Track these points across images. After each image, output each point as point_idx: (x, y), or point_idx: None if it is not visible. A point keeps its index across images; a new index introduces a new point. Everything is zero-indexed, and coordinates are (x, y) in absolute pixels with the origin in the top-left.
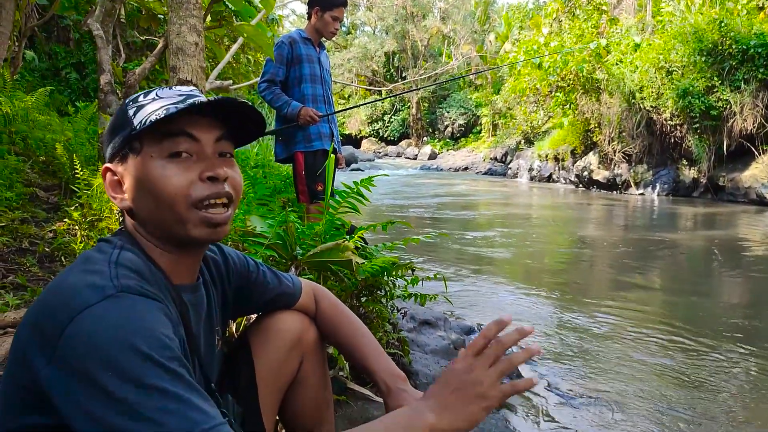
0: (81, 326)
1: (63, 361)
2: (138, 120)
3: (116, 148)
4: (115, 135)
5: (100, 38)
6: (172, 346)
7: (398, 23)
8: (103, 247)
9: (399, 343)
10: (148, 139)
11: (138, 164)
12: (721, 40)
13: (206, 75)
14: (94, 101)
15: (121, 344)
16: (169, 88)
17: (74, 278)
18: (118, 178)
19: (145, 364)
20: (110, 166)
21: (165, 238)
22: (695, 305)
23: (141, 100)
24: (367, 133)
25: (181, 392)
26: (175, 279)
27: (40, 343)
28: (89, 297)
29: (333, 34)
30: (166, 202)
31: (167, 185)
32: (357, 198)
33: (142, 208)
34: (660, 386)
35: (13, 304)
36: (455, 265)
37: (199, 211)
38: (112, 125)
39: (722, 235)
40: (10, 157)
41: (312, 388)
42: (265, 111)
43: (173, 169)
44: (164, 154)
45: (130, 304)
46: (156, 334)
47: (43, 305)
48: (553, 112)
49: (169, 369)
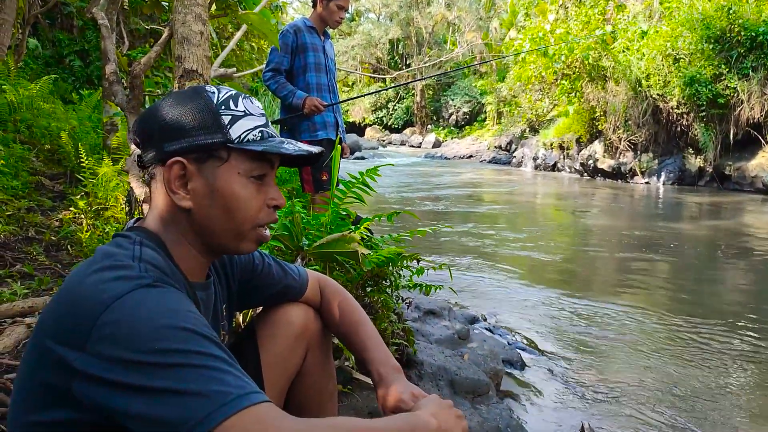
0: (119, 312)
1: (99, 346)
2: (236, 134)
3: (196, 147)
4: (198, 133)
5: (105, 27)
6: (208, 325)
7: (403, 10)
8: (122, 243)
9: (404, 333)
10: (238, 155)
11: (221, 174)
12: (729, 27)
13: (210, 62)
14: (98, 89)
15: (164, 323)
16: (251, 101)
17: (99, 273)
18: (186, 174)
19: (188, 335)
20: (183, 160)
21: (209, 243)
22: (703, 296)
23: (233, 109)
24: (371, 121)
25: (227, 358)
26: (190, 277)
27: (68, 336)
28: (123, 286)
29: (338, 23)
30: (238, 219)
31: (246, 206)
32: (362, 188)
33: (206, 214)
34: (669, 377)
35: (21, 293)
36: (460, 255)
37: (256, 230)
38: (190, 120)
39: (729, 224)
40: (16, 146)
41: (317, 378)
42: (269, 99)
43: (253, 191)
44: (249, 173)
45: (166, 291)
46: (194, 315)
47: (66, 300)
48: (558, 100)
49: (214, 340)
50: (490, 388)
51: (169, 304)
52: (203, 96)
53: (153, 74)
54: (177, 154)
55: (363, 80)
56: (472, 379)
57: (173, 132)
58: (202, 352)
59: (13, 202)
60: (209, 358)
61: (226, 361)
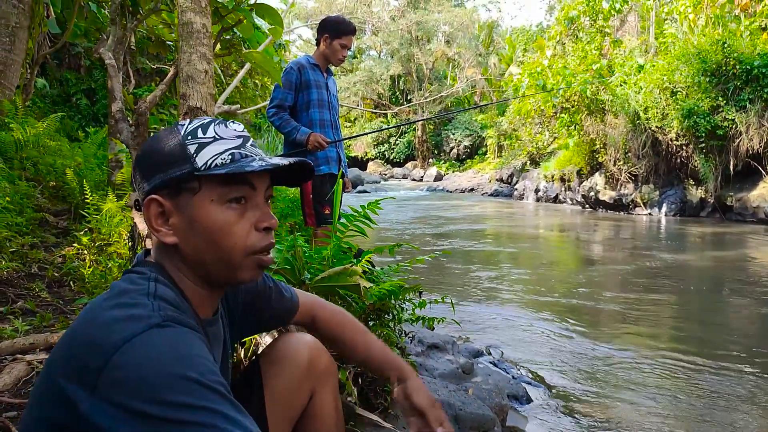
0: (128, 355)
1: (107, 392)
2: (202, 161)
3: (168, 181)
4: (168, 167)
5: (112, 67)
6: (216, 371)
7: (403, 47)
8: (135, 279)
9: None
10: (208, 182)
11: (195, 205)
12: (724, 60)
13: (215, 99)
14: (104, 126)
15: (171, 371)
16: (225, 125)
17: (112, 311)
18: (165, 211)
19: (194, 387)
20: (158, 197)
21: (206, 276)
22: (706, 328)
23: (200, 137)
24: (373, 155)
25: (230, 412)
26: (200, 313)
27: (79, 376)
28: (134, 327)
29: (341, 61)
30: (225, 248)
31: (228, 234)
32: (364, 221)
33: (191, 247)
34: (675, 414)
35: (23, 330)
36: (463, 288)
37: (251, 257)
38: (162, 155)
39: (732, 255)
40: (21, 183)
41: (323, 419)
42: (272, 135)
43: (233, 217)
44: (224, 199)
45: (176, 333)
46: (202, 360)
47: (77, 339)
48: (558, 133)
49: (218, 391)
50: (495, 424)
51: (178, 349)
52: (174, 130)
53: (158, 112)
54: (152, 192)
55: (365, 115)
56: (477, 414)
57: (147, 170)
58: (209, 409)
59: (17, 238)
60: (217, 417)
61: (228, 418)
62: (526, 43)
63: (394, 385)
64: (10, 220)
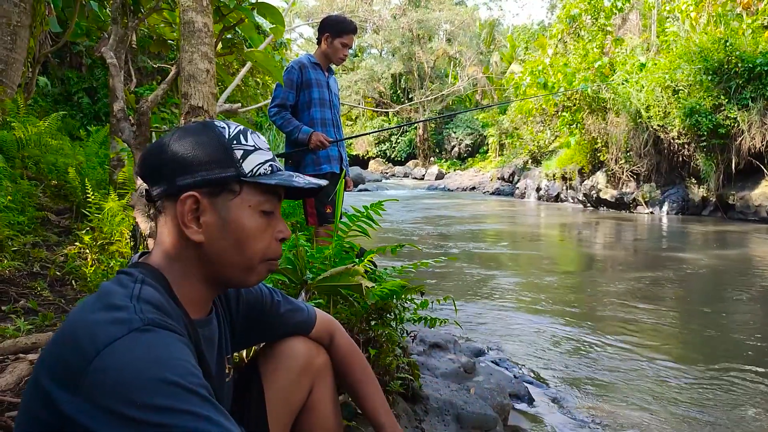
0: (109, 359)
1: (89, 395)
2: (248, 168)
3: (211, 180)
4: (211, 168)
5: (113, 66)
6: (197, 374)
7: (405, 45)
8: (123, 281)
9: (409, 367)
10: (250, 188)
11: (233, 207)
12: (726, 59)
13: (216, 98)
14: (106, 125)
15: (151, 374)
16: (258, 136)
17: (96, 314)
18: (200, 208)
19: (175, 390)
20: (196, 194)
21: (217, 276)
22: (708, 327)
23: (243, 143)
24: (374, 154)
25: (213, 415)
26: (192, 313)
27: (62, 377)
28: (115, 331)
29: (342, 60)
30: (249, 252)
31: (257, 240)
32: (366, 222)
33: (217, 247)
34: (678, 413)
35: (25, 329)
36: (465, 287)
37: (265, 263)
38: (203, 154)
39: (734, 254)
40: (23, 182)
41: (322, 414)
42: (273, 134)
43: (263, 225)
44: (259, 207)
45: (156, 336)
46: (182, 363)
47: (63, 340)
48: (559, 131)
49: (199, 394)
50: (497, 423)
51: (158, 352)
52: (214, 131)
53: (160, 111)
54: (190, 188)
55: (366, 114)
56: (479, 414)
57: (185, 166)
58: (192, 412)
59: (19, 237)
60: (193, 419)
61: (210, 420)
62: (527, 42)
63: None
64: (12, 218)
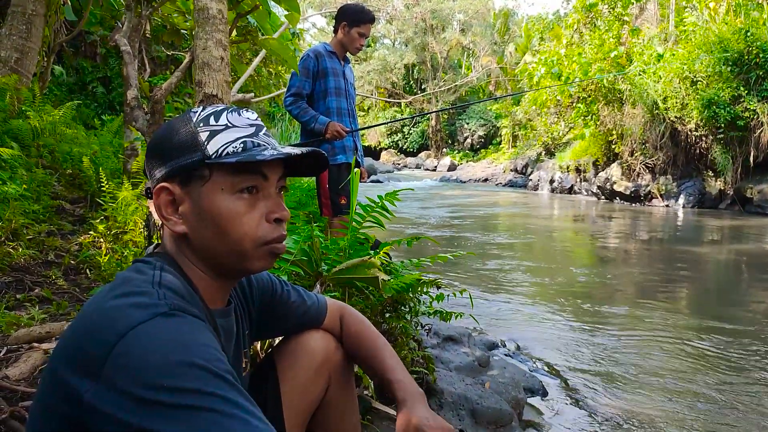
0: (133, 343)
1: (112, 381)
2: (213, 149)
3: (178, 169)
4: (179, 155)
5: (127, 54)
6: (224, 359)
7: (418, 36)
8: (141, 268)
9: (423, 361)
10: (219, 170)
11: (205, 193)
12: (747, 49)
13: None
14: (120, 114)
15: (177, 358)
16: (238, 113)
17: (117, 300)
18: (175, 199)
19: (202, 374)
20: (167, 185)
21: (217, 266)
22: (729, 325)
23: (212, 124)
24: (386, 145)
25: (240, 400)
26: (210, 304)
27: (81, 366)
28: (139, 315)
29: (358, 50)
30: (234, 238)
31: (238, 224)
32: (381, 212)
33: (201, 237)
34: (694, 408)
35: (39, 318)
36: (478, 280)
37: (262, 247)
38: (173, 142)
39: (751, 249)
40: (38, 171)
41: (339, 411)
42: (286, 124)
43: (243, 207)
44: (235, 188)
45: (183, 321)
46: (210, 348)
47: (81, 329)
48: (574, 123)
49: (226, 379)
50: (513, 418)
51: (184, 336)
52: (186, 117)
53: (173, 99)
54: (163, 180)
55: (378, 104)
56: (494, 409)
57: (160, 158)
58: (215, 394)
59: (34, 226)
60: (222, 402)
61: (238, 404)
62: (542, 32)
63: (401, 409)
64: (27, 207)
